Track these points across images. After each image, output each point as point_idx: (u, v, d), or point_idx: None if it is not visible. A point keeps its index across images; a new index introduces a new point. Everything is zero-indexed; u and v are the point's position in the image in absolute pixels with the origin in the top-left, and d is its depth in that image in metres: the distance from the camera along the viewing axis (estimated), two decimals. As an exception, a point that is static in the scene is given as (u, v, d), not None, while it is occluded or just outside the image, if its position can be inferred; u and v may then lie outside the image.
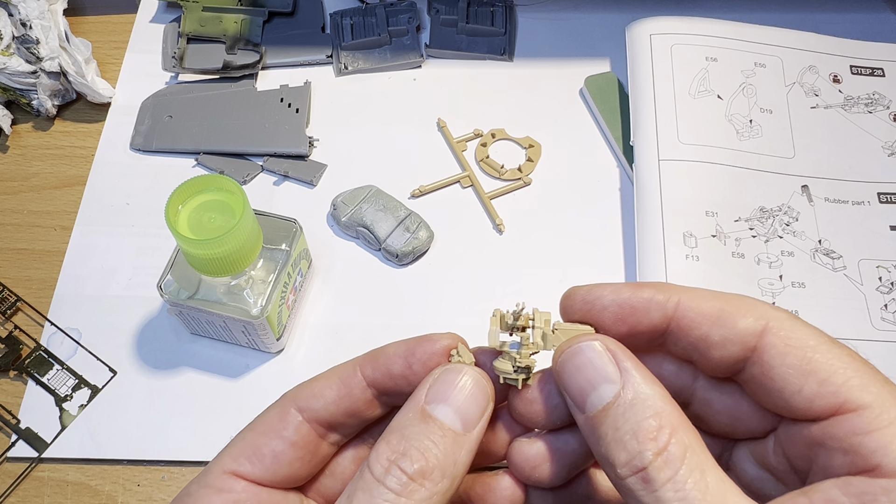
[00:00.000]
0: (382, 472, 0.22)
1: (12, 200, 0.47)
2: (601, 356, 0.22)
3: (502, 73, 0.52)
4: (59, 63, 0.48)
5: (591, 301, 0.24)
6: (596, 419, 0.21)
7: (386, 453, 0.22)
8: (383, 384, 0.25)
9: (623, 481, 0.20)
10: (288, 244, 0.39)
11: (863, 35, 0.52)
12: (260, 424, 0.26)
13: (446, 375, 0.24)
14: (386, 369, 0.25)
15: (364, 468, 0.22)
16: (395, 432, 0.23)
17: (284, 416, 0.26)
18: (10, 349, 0.41)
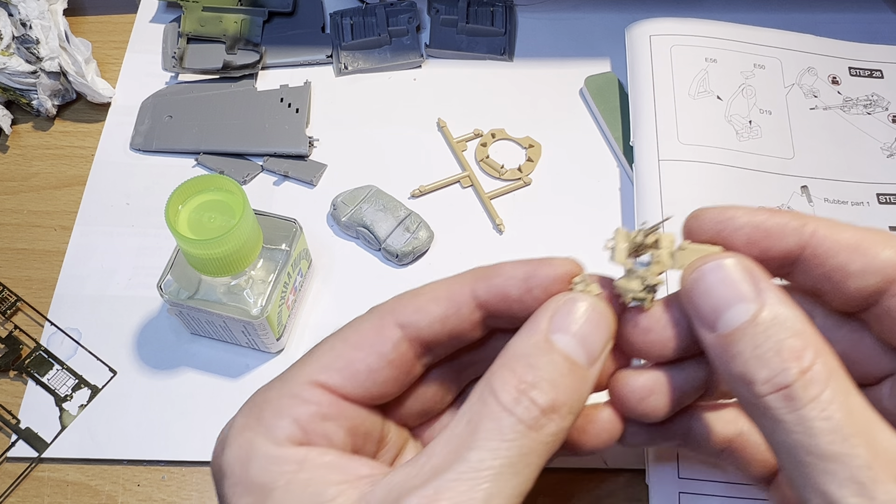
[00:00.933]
0: (512, 402, 0.21)
1: (12, 200, 0.47)
2: (739, 273, 0.21)
3: (502, 73, 0.52)
4: (59, 63, 0.48)
5: (724, 221, 0.23)
6: (731, 337, 0.21)
7: (513, 382, 0.21)
8: (495, 306, 0.24)
9: (761, 399, 0.20)
10: (288, 244, 0.39)
11: (862, 35, 0.52)
12: (353, 336, 0.24)
13: (572, 305, 0.23)
14: (501, 291, 0.24)
15: (486, 395, 0.21)
16: (520, 360, 0.22)
17: (382, 330, 0.24)
18: (10, 349, 0.41)
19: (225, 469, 0.23)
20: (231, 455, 0.23)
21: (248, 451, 0.23)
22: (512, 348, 0.22)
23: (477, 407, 0.21)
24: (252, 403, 0.24)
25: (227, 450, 0.23)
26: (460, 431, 0.21)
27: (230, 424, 0.24)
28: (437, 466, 0.20)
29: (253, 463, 0.22)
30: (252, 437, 0.23)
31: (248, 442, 0.23)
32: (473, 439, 0.20)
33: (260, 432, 0.23)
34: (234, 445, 0.23)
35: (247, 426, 0.23)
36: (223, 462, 0.23)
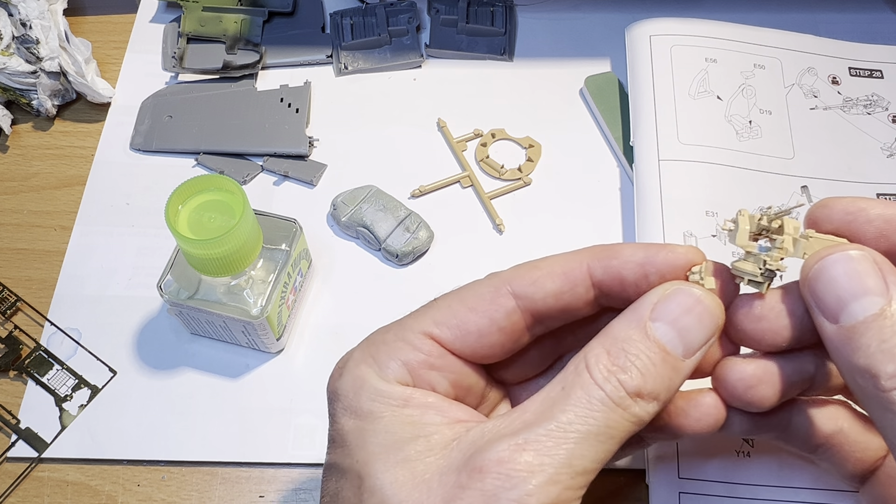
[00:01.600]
0: (602, 379, 0.22)
1: (12, 200, 0.47)
2: (867, 266, 0.21)
3: (502, 73, 0.52)
4: (59, 63, 0.48)
5: (854, 212, 0.23)
6: (855, 330, 0.21)
7: (605, 361, 0.22)
8: (610, 288, 0.25)
9: (886, 393, 0.20)
10: (288, 244, 0.39)
11: (862, 35, 0.52)
12: (470, 298, 0.26)
13: (679, 296, 0.23)
14: (618, 273, 0.24)
15: (581, 366, 0.22)
16: (617, 343, 0.22)
17: (498, 297, 0.25)
18: (9, 349, 0.41)
19: (339, 392, 0.25)
20: (346, 382, 0.25)
21: (360, 382, 0.25)
22: (612, 329, 0.23)
23: (572, 377, 0.22)
24: (370, 342, 0.26)
25: (343, 377, 0.25)
26: (554, 395, 0.22)
27: (349, 356, 0.26)
28: (528, 421, 0.22)
29: (363, 393, 0.24)
30: (365, 370, 0.25)
31: (362, 374, 0.25)
32: (565, 403, 0.22)
33: (373, 368, 0.25)
34: (349, 375, 0.25)
35: (362, 360, 0.25)
36: (338, 386, 0.25)
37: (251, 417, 0.40)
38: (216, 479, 0.39)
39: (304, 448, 0.39)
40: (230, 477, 0.39)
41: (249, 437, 0.39)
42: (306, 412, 0.40)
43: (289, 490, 0.39)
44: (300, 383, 0.41)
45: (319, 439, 0.39)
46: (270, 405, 0.40)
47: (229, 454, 0.39)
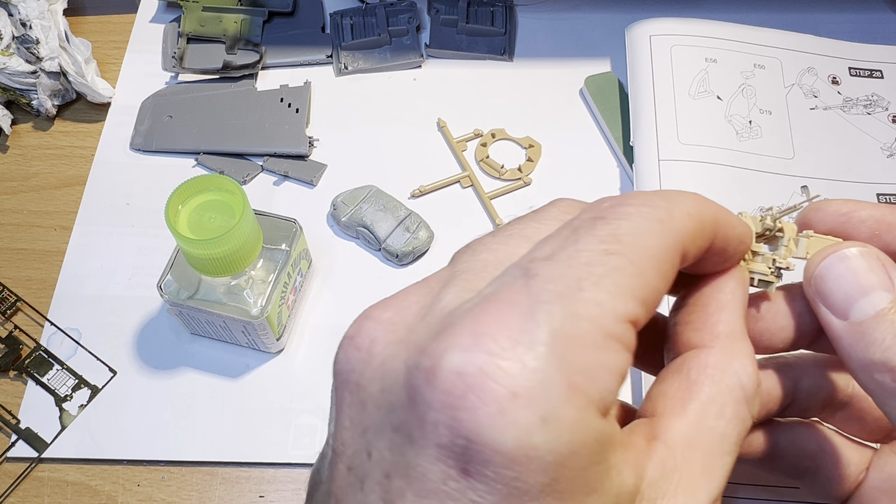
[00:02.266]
0: (753, 403, 0.20)
1: (12, 200, 0.47)
2: (873, 262, 0.22)
3: (502, 73, 0.52)
4: (59, 63, 0.48)
5: (847, 213, 0.23)
6: (866, 325, 0.21)
7: (754, 379, 0.20)
8: (710, 256, 0.21)
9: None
10: (288, 244, 0.39)
11: (862, 35, 0.52)
12: (654, 254, 0.18)
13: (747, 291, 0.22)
14: (725, 244, 0.21)
15: (735, 383, 0.20)
16: (748, 347, 0.21)
17: (675, 258, 0.19)
18: (10, 349, 0.41)
19: (542, 458, 0.16)
20: (559, 437, 0.16)
21: (582, 435, 0.16)
22: (738, 332, 0.21)
23: (729, 403, 0.20)
24: (548, 332, 0.16)
25: (549, 427, 0.16)
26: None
27: (528, 370, 0.16)
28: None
29: (588, 454, 0.16)
30: (585, 408, 0.16)
31: (581, 418, 0.16)
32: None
33: (593, 400, 0.16)
34: (563, 421, 0.16)
35: (572, 385, 0.16)
36: (548, 447, 0.16)
37: (251, 417, 0.40)
38: (216, 479, 0.39)
39: (304, 448, 0.39)
40: (230, 477, 0.39)
41: (249, 437, 0.39)
42: (306, 412, 0.40)
43: (289, 490, 0.39)
44: (300, 383, 0.41)
45: (319, 439, 0.39)
46: (270, 405, 0.40)
47: (229, 454, 0.39)
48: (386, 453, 0.17)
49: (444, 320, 0.17)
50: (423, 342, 0.17)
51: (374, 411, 0.18)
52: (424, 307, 0.19)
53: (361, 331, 0.19)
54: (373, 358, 0.18)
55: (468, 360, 0.16)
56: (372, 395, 0.18)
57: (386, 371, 0.18)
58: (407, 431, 0.17)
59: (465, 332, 0.16)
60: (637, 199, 0.19)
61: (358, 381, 0.18)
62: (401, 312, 0.19)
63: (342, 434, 0.18)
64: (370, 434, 0.17)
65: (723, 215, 0.21)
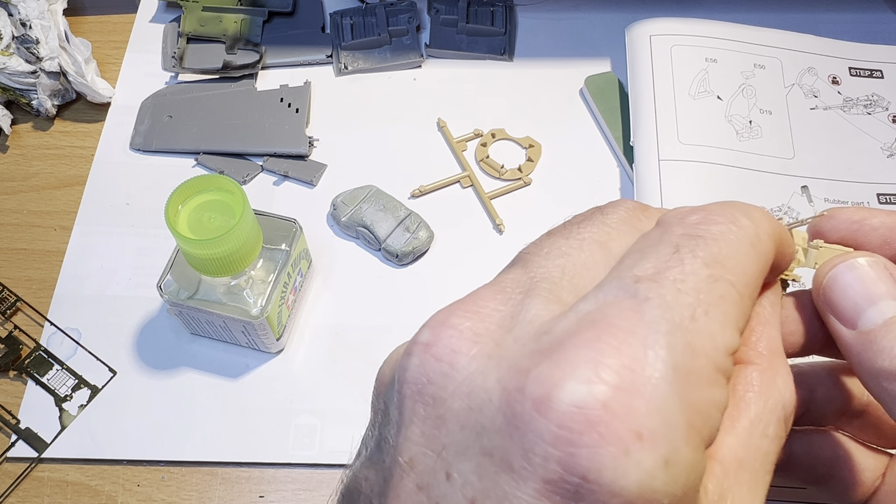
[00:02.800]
0: (790, 422, 0.20)
1: (12, 200, 0.47)
2: (880, 271, 0.22)
3: (502, 73, 0.52)
4: (59, 63, 0.48)
5: (859, 221, 0.23)
6: (874, 334, 0.21)
7: (793, 398, 0.20)
8: None
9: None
10: (288, 244, 0.39)
11: (863, 35, 0.52)
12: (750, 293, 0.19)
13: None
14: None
15: (780, 402, 0.20)
16: (785, 363, 0.21)
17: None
18: (9, 349, 0.41)
19: (661, 501, 0.15)
20: (678, 480, 0.15)
21: (696, 476, 0.16)
22: (778, 346, 0.21)
23: (774, 423, 0.20)
24: (666, 362, 0.16)
25: (671, 469, 0.15)
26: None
27: (638, 398, 0.15)
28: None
29: (695, 493, 0.16)
30: (699, 447, 0.16)
31: (696, 457, 0.16)
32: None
33: (705, 439, 0.16)
34: (683, 464, 0.16)
35: (691, 426, 0.16)
36: (667, 489, 0.15)
37: (251, 417, 0.40)
38: (216, 479, 0.39)
39: (304, 448, 0.39)
40: (230, 477, 0.39)
41: (249, 437, 0.39)
42: (306, 412, 0.40)
43: (289, 490, 0.39)
44: (300, 383, 0.41)
45: (319, 439, 0.39)
46: (270, 405, 0.40)
47: (229, 454, 0.39)
48: (472, 477, 0.16)
49: (541, 339, 0.16)
50: (519, 361, 0.16)
51: (456, 430, 0.16)
52: (507, 317, 0.18)
53: (441, 340, 0.17)
54: (456, 371, 0.17)
55: (590, 394, 0.15)
56: (455, 411, 0.17)
57: (474, 388, 0.17)
58: (504, 459, 0.16)
59: (582, 361, 0.15)
60: (723, 217, 0.19)
61: (436, 395, 0.17)
62: (482, 321, 0.18)
63: (410, 448, 0.17)
64: (450, 453, 0.16)
65: (784, 233, 0.22)
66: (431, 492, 0.16)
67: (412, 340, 0.18)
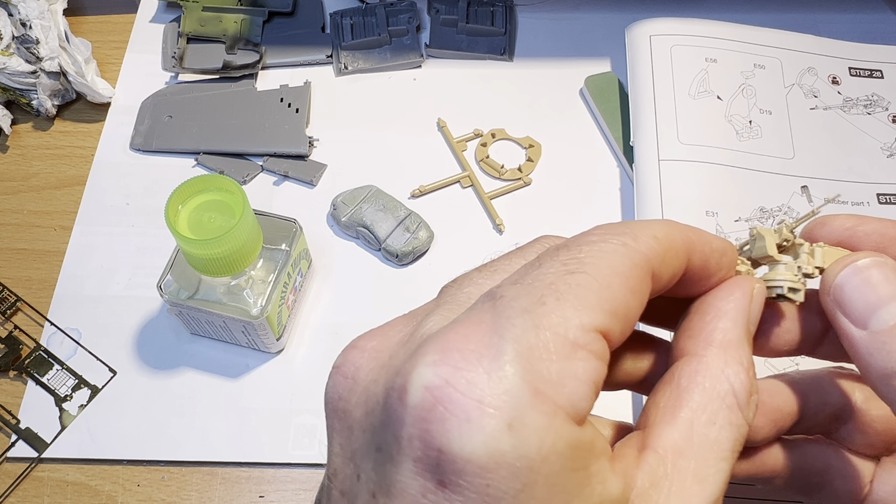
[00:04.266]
0: (748, 408, 0.20)
1: (12, 200, 0.47)
2: (891, 273, 0.21)
3: (502, 73, 0.52)
4: (59, 63, 0.48)
5: (853, 227, 0.23)
6: (885, 335, 0.21)
7: (747, 384, 0.20)
8: (692, 276, 0.22)
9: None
10: (288, 244, 0.39)
11: (862, 35, 0.52)
12: (622, 272, 0.19)
13: (761, 297, 0.22)
14: (705, 261, 0.22)
15: (726, 389, 0.20)
16: (743, 354, 0.20)
17: (646, 278, 0.20)
18: (9, 349, 0.41)
19: (512, 464, 0.16)
20: (527, 442, 0.16)
21: (552, 440, 0.16)
22: (732, 339, 0.21)
23: (720, 409, 0.20)
24: (514, 341, 0.17)
25: (516, 432, 0.16)
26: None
27: (495, 378, 0.16)
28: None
29: (560, 459, 0.16)
30: (553, 414, 0.16)
31: (550, 423, 0.16)
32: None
33: (562, 406, 0.17)
34: (530, 427, 0.16)
35: (538, 392, 0.16)
36: (517, 452, 0.16)
37: (251, 417, 0.40)
38: (216, 479, 0.39)
39: (303, 448, 0.39)
40: (230, 477, 0.39)
41: (249, 437, 0.39)
42: (306, 412, 0.40)
43: (289, 490, 0.39)
44: (300, 383, 0.41)
45: (319, 439, 0.39)
46: (270, 405, 0.40)
47: (229, 454, 0.39)
48: (372, 474, 0.18)
49: (418, 343, 0.18)
50: (399, 365, 0.18)
51: (359, 435, 0.18)
52: (406, 335, 0.19)
53: (347, 360, 0.20)
54: (357, 384, 0.19)
55: (435, 374, 0.17)
56: (357, 419, 0.19)
57: (369, 395, 0.18)
58: (387, 450, 0.17)
59: (433, 350, 0.17)
60: (600, 230, 0.20)
61: (345, 408, 0.19)
62: (385, 341, 0.20)
63: (334, 461, 0.19)
64: (357, 457, 0.18)
65: (695, 234, 0.22)
66: (349, 495, 0.18)
67: (332, 366, 0.20)
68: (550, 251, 0.20)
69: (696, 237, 0.22)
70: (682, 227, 0.22)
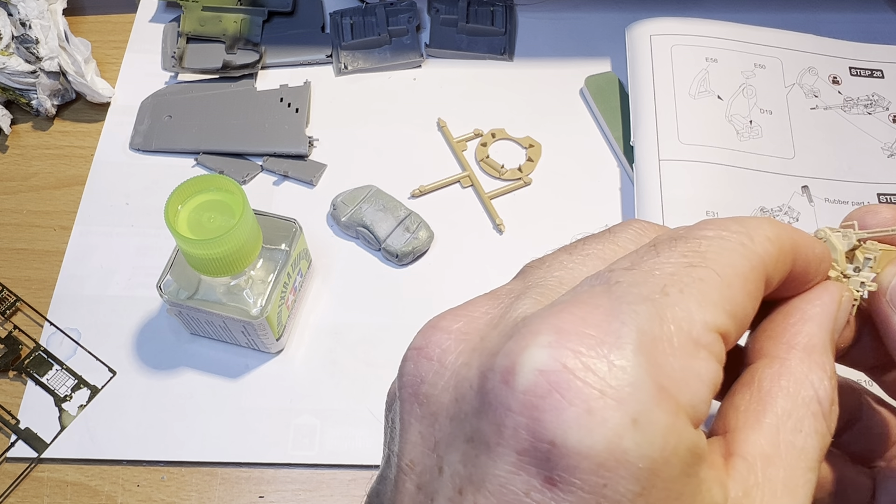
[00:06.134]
0: (832, 417, 0.19)
1: (12, 200, 0.47)
2: None
3: (502, 73, 0.52)
4: (59, 63, 0.48)
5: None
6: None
7: (830, 392, 0.19)
8: (792, 280, 0.21)
9: None
10: (288, 244, 0.39)
11: (863, 35, 0.52)
12: (741, 273, 0.18)
13: (848, 305, 0.21)
14: (806, 266, 0.21)
15: (811, 395, 0.18)
16: (827, 361, 0.19)
17: (760, 281, 0.19)
18: (9, 349, 0.41)
19: (634, 464, 0.15)
20: (651, 442, 0.15)
21: (675, 442, 0.15)
22: (817, 345, 0.20)
23: (806, 416, 0.18)
24: (636, 330, 0.15)
25: (641, 430, 0.15)
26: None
27: (598, 358, 0.15)
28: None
29: (680, 464, 0.15)
30: (676, 414, 0.15)
31: (674, 423, 0.15)
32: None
33: (684, 406, 0.15)
34: (655, 425, 0.15)
35: (662, 388, 0.15)
36: (640, 451, 0.14)
37: (251, 417, 0.40)
38: (216, 479, 0.39)
39: (303, 448, 0.39)
40: (230, 477, 0.39)
41: (249, 437, 0.39)
42: (306, 412, 0.40)
43: (288, 490, 0.38)
44: (300, 383, 0.41)
45: (319, 439, 0.39)
46: (270, 405, 0.40)
47: (229, 454, 0.39)
48: (459, 467, 0.16)
49: (517, 325, 0.16)
50: (495, 346, 0.16)
51: (445, 423, 0.17)
52: (496, 317, 0.18)
53: (431, 341, 0.18)
54: (445, 368, 0.17)
55: (551, 357, 0.15)
56: (444, 405, 0.17)
57: (459, 380, 0.17)
58: (482, 440, 0.15)
59: (546, 330, 0.15)
60: (714, 225, 0.18)
61: (428, 393, 0.17)
62: (471, 322, 0.18)
63: (410, 451, 0.17)
64: (441, 448, 0.16)
65: (800, 237, 0.21)
66: (428, 489, 0.16)
67: (408, 347, 0.18)
68: (667, 241, 0.18)
69: (802, 241, 0.20)
70: (789, 230, 0.20)
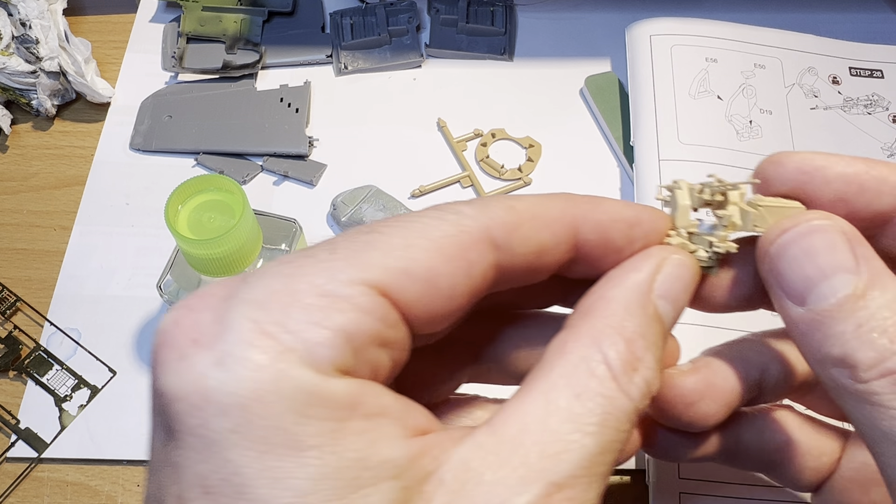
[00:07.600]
0: (627, 380, 0.17)
1: (12, 200, 0.47)
2: (836, 239, 0.18)
3: (502, 73, 0.52)
4: (59, 63, 0.48)
5: (810, 172, 0.20)
6: (826, 314, 0.18)
7: (626, 354, 0.18)
8: (589, 251, 0.20)
9: (864, 384, 0.17)
10: (288, 244, 0.39)
11: (863, 35, 0.52)
12: (436, 237, 0.18)
13: (679, 269, 0.20)
14: (605, 234, 0.20)
15: (595, 364, 0.17)
16: (629, 324, 0.18)
17: (476, 244, 0.18)
18: (9, 349, 0.41)
19: (223, 404, 0.15)
20: (237, 381, 0.15)
21: (272, 380, 0.15)
22: (617, 306, 0.18)
23: (587, 379, 0.17)
24: (261, 295, 0.16)
25: (227, 369, 0.15)
26: (566, 405, 0.17)
27: (214, 319, 0.16)
28: (539, 448, 0.16)
29: (282, 401, 0.15)
30: (278, 354, 0.15)
31: (271, 363, 0.15)
32: (589, 422, 0.16)
33: (292, 348, 0.15)
34: (243, 363, 0.15)
35: (263, 332, 0.15)
36: (213, 390, 0.15)
37: (251, 417, 0.40)
38: (216, 479, 0.39)
39: (303, 448, 0.39)
40: (230, 477, 0.39)
41: (249, 438, 0.39)
42: (306, 412, 0.40)
43: (289, 490, 0.38)
44: (300, 383, 0.41)
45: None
46: (270, 405, 0.40)
47: (229, 454, 0.39)
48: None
49: None
50: None
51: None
52: None
53: None
54: None
55: (169, 317, 0.16)
56: None
57: None
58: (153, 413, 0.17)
59: (193, 296, 0.17)
60: (438, 206, 0.19)
61: None
62: None
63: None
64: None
65: (588, 204, 0.20)
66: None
67: None
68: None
69: (589, 206, 0.20)
70: (566, 198, 0.20)
